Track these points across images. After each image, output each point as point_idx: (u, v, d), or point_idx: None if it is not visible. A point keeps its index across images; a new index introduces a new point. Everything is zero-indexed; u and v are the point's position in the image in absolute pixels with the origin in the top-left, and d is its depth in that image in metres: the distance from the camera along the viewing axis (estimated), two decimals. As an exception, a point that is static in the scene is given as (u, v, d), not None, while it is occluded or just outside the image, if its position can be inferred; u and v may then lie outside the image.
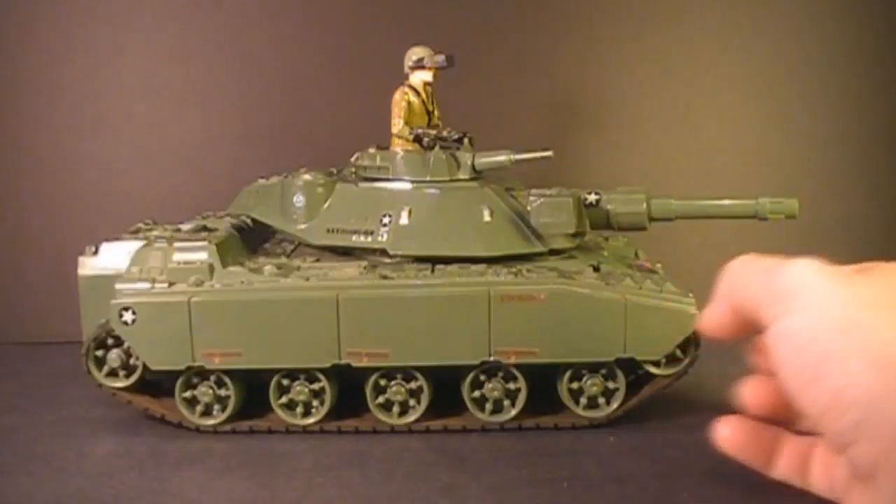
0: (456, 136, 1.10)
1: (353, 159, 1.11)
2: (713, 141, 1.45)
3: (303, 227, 1.06)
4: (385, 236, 1.01)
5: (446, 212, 1.01)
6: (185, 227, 1.10)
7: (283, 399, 0.98)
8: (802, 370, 0.46)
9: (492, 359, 0.95)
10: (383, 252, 1.01)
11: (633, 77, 1.42)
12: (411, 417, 0.98)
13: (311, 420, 0.99)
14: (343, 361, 0.95)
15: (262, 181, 1.13)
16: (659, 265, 1.13)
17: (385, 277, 0.96)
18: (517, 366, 0.96)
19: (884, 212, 1.46)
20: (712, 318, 0.54)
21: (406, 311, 0.94)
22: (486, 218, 1.00)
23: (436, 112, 1.12)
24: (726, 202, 1.00)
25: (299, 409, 0.99)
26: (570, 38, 1.41)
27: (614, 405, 0.98)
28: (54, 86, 1.38)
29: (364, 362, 0.95)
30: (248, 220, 1.15)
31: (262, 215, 1.11)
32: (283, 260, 1.04)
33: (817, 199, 1.35)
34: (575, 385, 0.98)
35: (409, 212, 1.01)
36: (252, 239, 1.11)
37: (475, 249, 0.99)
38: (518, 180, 1.11)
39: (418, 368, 0.97)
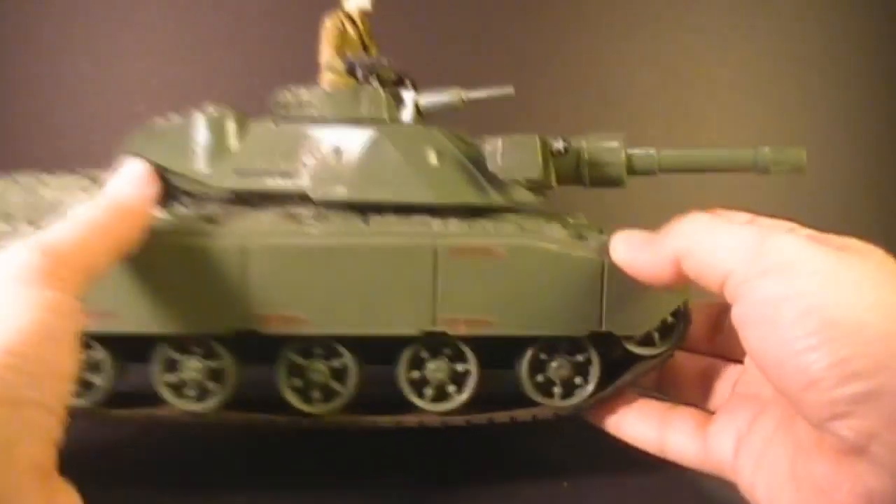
0: (395, 77, 0.92)
1: (274, 99, 0.92)
2: (713, 140, 1.42)
3: (206, 169, 0.86)
4: (307, 178, 0.82)
5: (384, 153, 0.82)
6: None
7: (171, 378, 0.78)
8: (798, 337, 0.48)
9: (437, 329, 0.76)
10: (305, 199, 0.82)
11: (633, 77, 1.40)
12: (334, 404, 0.78)
13: (205, 405, 0.78)
14: (248, 327, 0.75)
15: (158, 121, 0.92)
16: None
17: (304, 225, 0.77)
18: (467, 341, 0.77)
19: (885, 208, 1.43)
20: (653, 262, 0.64)
21: (329, 267, 0.74)
22: (433, 161, 0.81)
23: (374, 52, 0.94)
24: (720, 151, 0.84)
25: (191, 392, 0.78)
26: (569, 38, 1.37)
27: (587, 391, 0.80)
28: (54, 86, 1.33)
29: (275, 328, 0.75)
30: None
31: (154, 155, 0.90)
32: (187, 212, 0.83)
33: (819, 196, 1.35)
34: (540, 377, 0.80)
35: (338, 151, 0.82)
36: None
37: (419, 196, 0.80)
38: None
39: (343, 341, 0.77)
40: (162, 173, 0.86)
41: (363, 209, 0.80)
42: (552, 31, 1.38)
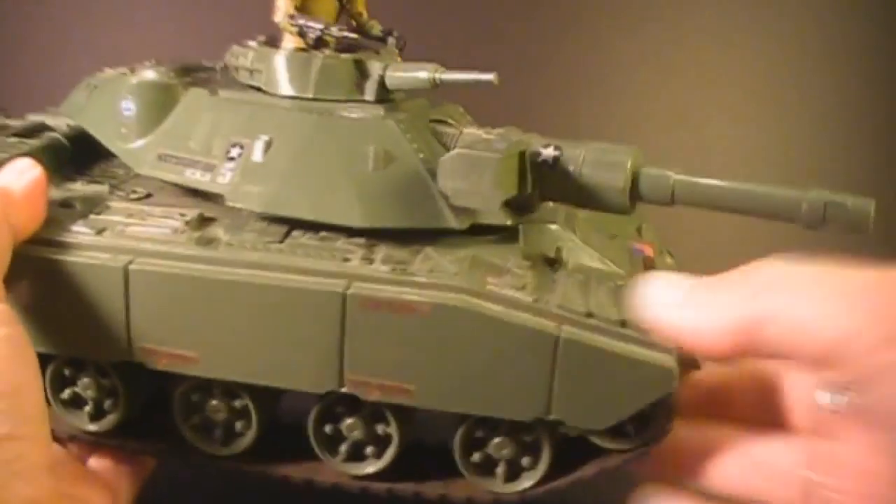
0: (381, 33, 0.74)
1: (227, 56, 0.76)
2: (713, 140, 1.36)
3: (131, 146, 0.73)
4: (228, 176, 0.67)
5: (320, 150, 0.65)
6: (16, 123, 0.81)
7: (66, 393, 0.69)
8: None
9: (345, 391, 0.62)
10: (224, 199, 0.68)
11: (633, 77, 1.33)
12: (240, 446, 0.67)
13: (98, 426, 0.69)
14: (133, 360, 0.64)
15: (108, 71, 0.80)
16: (670, 258, 0.77)
17: (206, 243, 0.63)
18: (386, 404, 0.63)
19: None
20: (709, 326, 0.46)
21: (221, 302, 0.61)
22: (372, 166, 0.64)
23: (362, 15, 0.76)
24: (756, 189, 0.61)
25: (87, 409, 0.69)
26: (569, 37, 1.31)
27: (527, 482, 0.64)
28: (54, 85, 1.17)
29: (163, 365, 0.64)
30: None
31: (88, 122, 0.78)
32: (103, 189, 0.72)
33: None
34: (477, 456, 0.64)
35: (267, 144, 0.66)
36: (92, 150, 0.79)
37: (347, 216, 0.64)
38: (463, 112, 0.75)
39: (240, 385, 0.65)
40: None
41: (287, 221, 0.66)
42: (553, 27, 1.30)
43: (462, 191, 0.62)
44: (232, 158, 0.67)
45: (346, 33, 0.68)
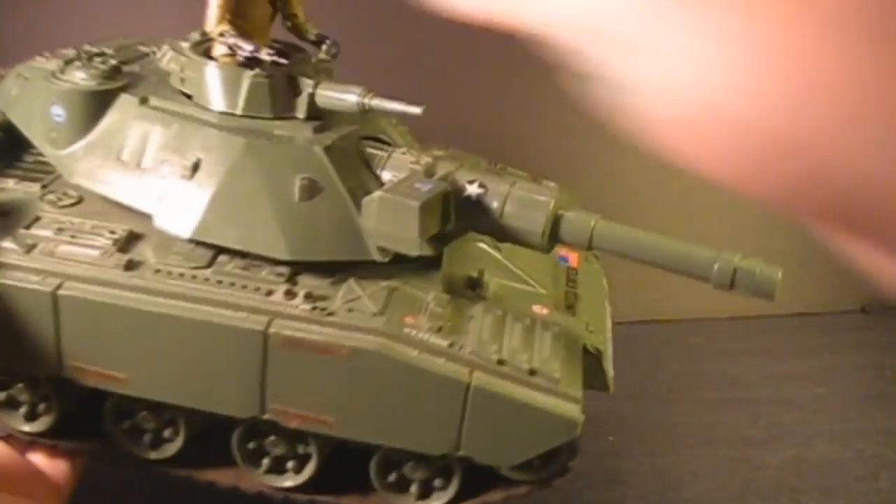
0: (314, 37, 0.74)
1: (160, 55, 0.75)
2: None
3: (62, 153, 0.73)
4: (156, 196, 0.67)
5: (247, 176, 0.66)
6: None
7: (1, 396, 0.71)
8: None
9: (266, 417, 0.64)
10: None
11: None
12: (168, 452, 0.70)
13: (33, 427, 0.71)
14: (64, 375, 0.66)
15: (40, 60, 0.78)
16: (596, 263, 0.79)
17: (130, 267, 0.64)
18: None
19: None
20: None
21: (149, 331, 0.63)
22: (297, 197, 0.65)
23: (299, 18, 0.74)
24: (671, 246, 0.62)
25: (22, 411, 0.71)
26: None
27: (438, 501, 0.68)
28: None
29: (93, 382, 0.66)
30: None
31: (18, 119, 0.77)
32: (35, 190, 0.72)
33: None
34: (393, 476, 0.68)
35: (195, 165, 0.66)
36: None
37: (273, 248, 0.65)
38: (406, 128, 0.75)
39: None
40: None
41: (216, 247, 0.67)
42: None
43: (384, 234, 0.63)
44: (161, 177, 0.67)
45: (276, 58, 0.67)
